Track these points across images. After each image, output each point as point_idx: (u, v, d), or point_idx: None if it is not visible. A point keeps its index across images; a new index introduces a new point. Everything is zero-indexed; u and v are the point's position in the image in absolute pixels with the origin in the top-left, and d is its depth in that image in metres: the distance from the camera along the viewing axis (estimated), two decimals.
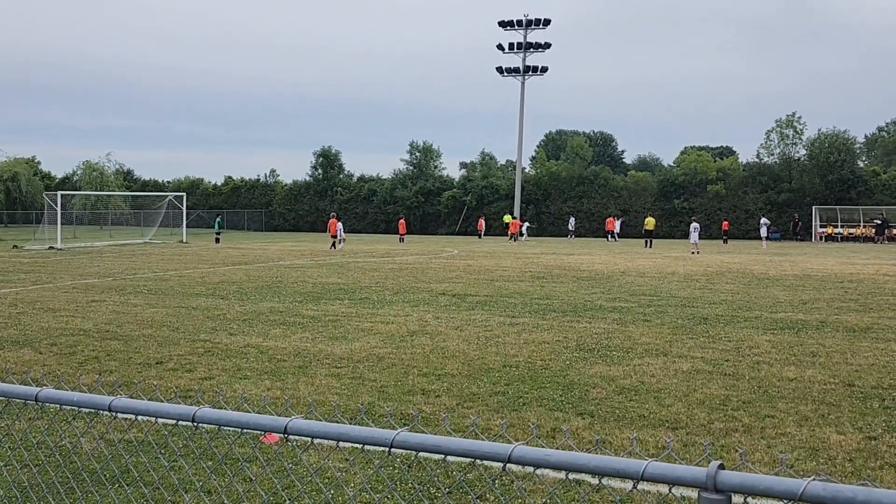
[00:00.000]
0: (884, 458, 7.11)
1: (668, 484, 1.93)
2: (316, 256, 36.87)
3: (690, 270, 28.73)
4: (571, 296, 19.97)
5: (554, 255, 38.69)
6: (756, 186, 70.12)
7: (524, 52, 75.76)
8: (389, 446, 2.16)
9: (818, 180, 66.94)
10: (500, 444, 2.09)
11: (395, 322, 15.21)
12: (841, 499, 1.71)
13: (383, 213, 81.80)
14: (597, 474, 1.99)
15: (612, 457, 1.94)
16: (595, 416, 8.50)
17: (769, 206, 68.28)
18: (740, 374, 10.58)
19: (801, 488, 1.72)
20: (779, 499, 1.77)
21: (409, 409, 8.68)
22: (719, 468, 1.84)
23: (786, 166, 70.24)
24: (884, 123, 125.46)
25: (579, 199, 74.75)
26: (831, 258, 37.61)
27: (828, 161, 66.70)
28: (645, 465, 1.91)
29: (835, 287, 22.38)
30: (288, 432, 2.33)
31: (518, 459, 2.03)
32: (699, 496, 1.86)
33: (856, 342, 13.02)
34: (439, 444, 2.12)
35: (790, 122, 70.70)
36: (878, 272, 28.19)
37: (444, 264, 31.84)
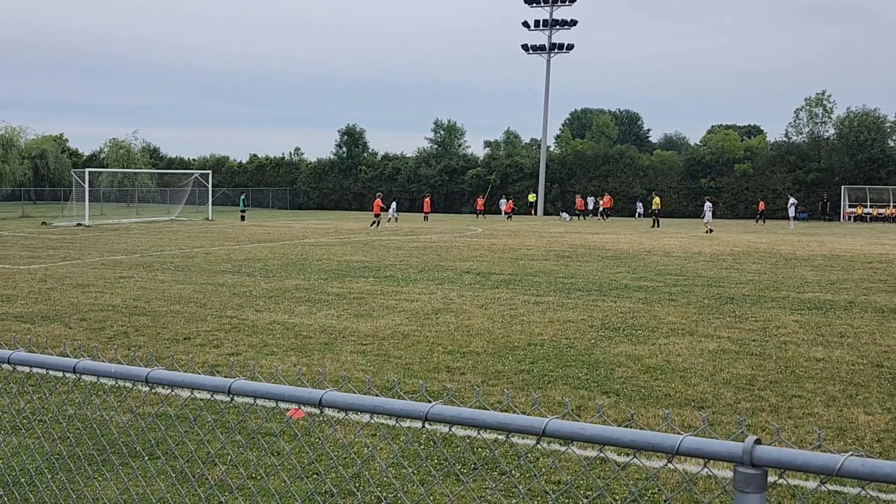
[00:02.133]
0: None
1: (703, 458, 1.93)
2: (341, 234, 36.98)
3: (717, 250, 28.54)
4: (596, 275, 19.91)
5: (578, 234, 38.57)
6: (784, 166, 69.37)
7: (550, 30, 75.20)
8: (424, 419, 2.18)
9: (847, 159, 66.09)
10: (535, 418, 2.10)
11: (419, 300, 15.25)
12: (879, 474, 1.70)
13: (407, 191, 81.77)
14: (632, 448, 1.99)
15: (648, 431, 1.94)
16: (620, 395, 8.50)
17: (797, 185, 67.55)
18: (767, 354, 10.52)
19: (839, 464, 1.71)
20: (816, 474, 1.77)
21: (435, 385, 8.72)
22: (756, 443, 1.83)
23: (814, 145, 69.42)
24: None
25: (604, 179, 74.31)
26: (860, 238, 37.21)
27: (857, 140, 65.80)
28: (681, 440, 1.91)
29: (863, 268, 22.16)
30: (323, 404, 2.34)
31: (553, 433, 2.04)
32: (735, 471, 1.86)
33: (885, 323, 12.90)
34: (474, 418, 2.13)
35: (820, 101, 69.78)
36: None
37: (468, 243, 31.83)
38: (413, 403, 2.22)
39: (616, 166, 74.91)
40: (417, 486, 5.73)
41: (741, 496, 1.83)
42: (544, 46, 75.80)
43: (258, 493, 5.49)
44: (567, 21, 75.12)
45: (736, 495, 1.84)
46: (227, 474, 5.93)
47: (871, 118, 67.18)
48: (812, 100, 70.16)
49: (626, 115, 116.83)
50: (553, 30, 75.23)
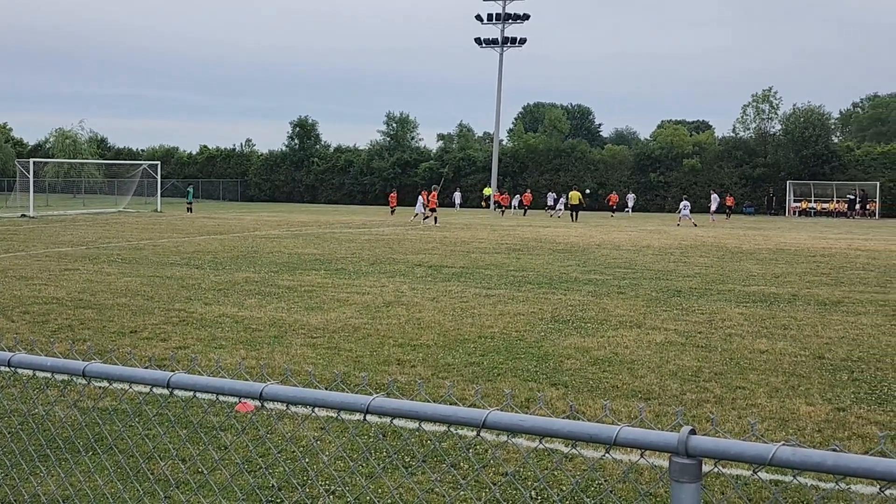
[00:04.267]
0: (851, 429, 7.23)
1: (640, 449, 1.96)
2: (292, 227, 36.71)
3: (665, 244, 28.92)
4: (547, 268, 20.05)
5: (530, 228, 38.77)
6: (731, 161, 70.51)
7: (503, 23, 75.34)
8: (365, 412, 2.17)
9: (793, 155, 67.39)
10: (476, 410, 2.11)
11: (371, 293, 15.21)
12: (810, 463, 1.74)
13: (360, 184, 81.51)
14: (570, 439, 2.01)
15: (586, 422, 1.96)
16: (569, 387, 8.57)
17: (744, 180, 68.72)
18: (713, 346, 10.69)
19: (771, 453, 1.75)
20: (749, 463, 1.80)
21: (385, 378, 8.71)
22: (690, 433, 1.86)
23: (761, 141, 70.67)
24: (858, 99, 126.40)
25: (556, 172, 74.81)
26: (804, 233, 37.98)
27: (802, 136, 67.13)
28: (618, 431, 1.93)
29: (807, 261, 22.62)
30: (263, 398, 2.33)
31: (493, 425, 2.05)
32: (671, 461, 1.88)
33: (826, 315, 13.19)
34: (416, 410, 2.13)
35: (766, 97, 71.07)
36: (849, 247, 28.50)
37: (420, 236, 31.81)
38: (354, 396, 2.21)
39: (567, 160, 75.45)
40: (365, 479, 5.72)
41: (677, 486, 1.86)
42: (497, 40, 75.94)
43: (203, 488, 5.44)
44: (520, 15, 75.31)
45: (672, 485, 1.87)
46: (172, 469, 5.86)
47: (816, 115, 68.57)
48: (759, 96, 71.44)
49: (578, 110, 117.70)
50: (506, 24, 75.38)
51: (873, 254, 25.45)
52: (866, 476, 1.72)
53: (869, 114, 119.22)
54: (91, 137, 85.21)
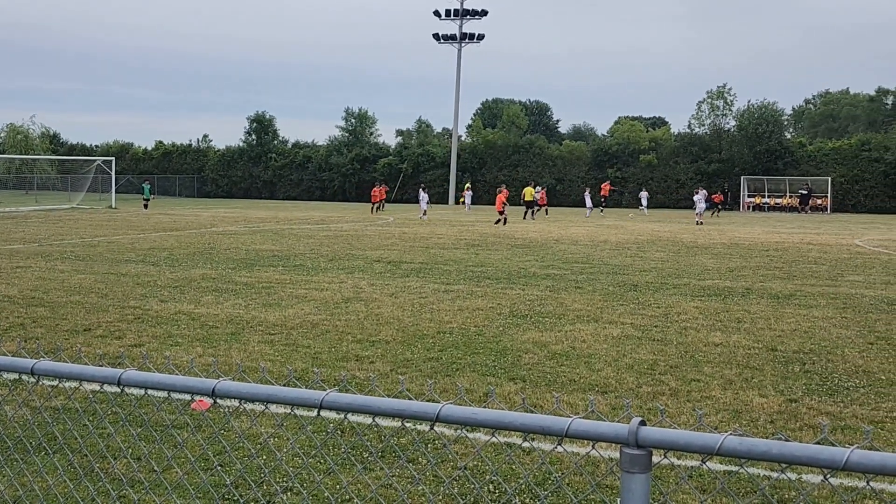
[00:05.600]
0: (803, 420, 7.37)
1: (591, 440, 1.98)
2: (250, 223, 36.41)
3: (622, 239, 29.18)
4: (506, 263, 20.13)
5: (489, 224, 38.88)
6: (687, 157, 71.33)
7: (461, 19, 75.40)
8: (319, 407, 2.17)
9: (747, 151, 68.36)
10: (429, 404, 2.11)
11: (329, 289, 15.15)
12: (756, 452, 1.78)
13: (318, 179, 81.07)
14: (523, 432, 2.03)
15: (538, 415, 1.98)
16: (527, 381, 8.62)
17: (699, 175, 69.53)
18: (668, 339, 10.82)
19: (718, 443, 1.78)
20: (698, 453, 1.83)
21: (343, 374, 8.69)
22: (640, 424, 1.89)
23: (716, 137, 71.57)
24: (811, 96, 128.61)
25: (514, 168, 75.07)
26: (758, 227, 38.57)
27: (756, 132, 68.12)
28: (569, 423, 1.95)
29: (761, 255, 22.98)
30: (216, 394, 2.31)
31: (446, 418, 2.06)
32: (621, 452, 1.91)
33: (780, 308, 13.41)
34: (369, 405, 2.13)
35: (721, 94, 71.99)
36: (802, 241, 29.01)
37: (379, 231, 31.75)
38: (307, 392, 2.21)
39: (526, 156, 75.75)
40: (322, 476, 5.70)
41: (627, 476, 1.88)
42: (455, 36, 75.99)
43: (158, 487, 5.37)
44: (478, 11, 75.45)
45: (622, 475, 1.90)
46: (125, 468, 5.79)
47: (770, 111, 69.65)
48: (714, 93, 72.34)
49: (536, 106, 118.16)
50: (464, 19, 75.46)
51: (825, 248, 25.93)
52: (810, 464, 1.76)
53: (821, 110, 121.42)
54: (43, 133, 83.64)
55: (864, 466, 1.73)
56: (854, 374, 9.04)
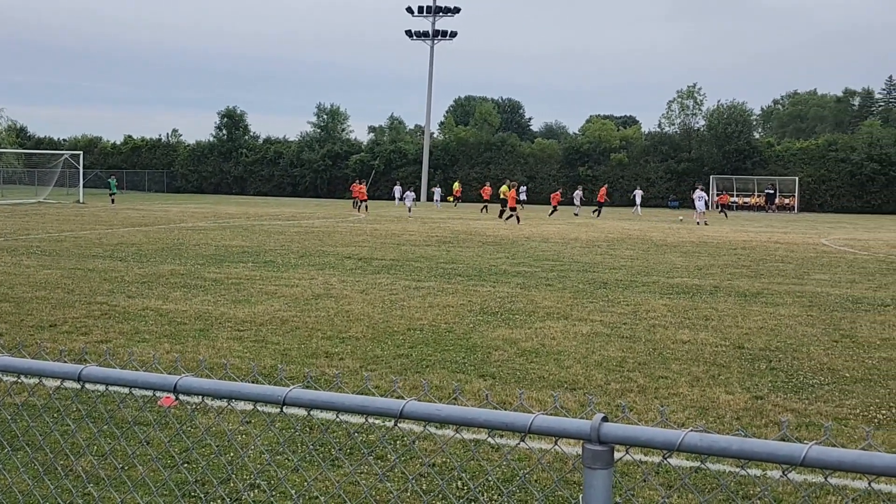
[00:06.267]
0: (768, 417, 7.44)
1: (554, 436, 1.99)
2: (220, 218, 36.16)
3: (593, 237, 29.33)
4: (476, 260, 20.15)
5: (461, 221, 38.93)
6: (657, 156, 71.87)
7: (433, 16, 75.35)
8: (282, 403, 2.16)
9: (716, 150, 69.00)
10: (393, 400, 2.11)
11: (299, 285, 15.08)
12: (716, 448, 1.79)
13: (290, 175, 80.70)
14: (486, 428, 2.03)
15: (502, 411, 1.99)
16: (496, 378, 8.64)
17: (669, 174, 70.08)
18: (637, 336, 10.89)
19: (680, 439, 1.79)
20: (659, 449, 1.84)
21: (313, 371, 8.66)
22: (603, 421, 1.90)
23: (686, 136, 72.17)
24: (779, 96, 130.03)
25: (486, 166, 75.20)
26: (726, 226, 38.91)
27: (725, 132, 68.78)
28: (532, 419, 1.96)
29: (728, 254, 23.20)
30: (178, 391, 2.29)
31: (409, 414, 2.06)
32: (584, 448, 1.92)
33: (746, 306, 13.54)
34: (332, 401, 2.13)
35: (691, 94, 72.61)
36: (769, 240, 29.33)
37: (350, 228, 31.66)
38: (271, 388, 2.19)
39: (498, 154, 75.91)
40: (288, 473, 5.68)
41: (589, 472, 1.89)
42: (428, 33, 75.92)
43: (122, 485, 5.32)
44: (450, 8, 75.44)
45: (585, 471, 1.91)
46: (88, 465, 5.72)
47: (739, 111, 70.35)
48: (684, 92, 72.96)
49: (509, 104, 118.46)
50: (436, 16, 75.41)
51: (792, 247, 26.24)
52: (769, 460, 1.78)
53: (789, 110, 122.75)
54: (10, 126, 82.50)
55: (822, 462, 1.75)
56: (819, 371, 9.15)
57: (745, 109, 71.35)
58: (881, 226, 43.84)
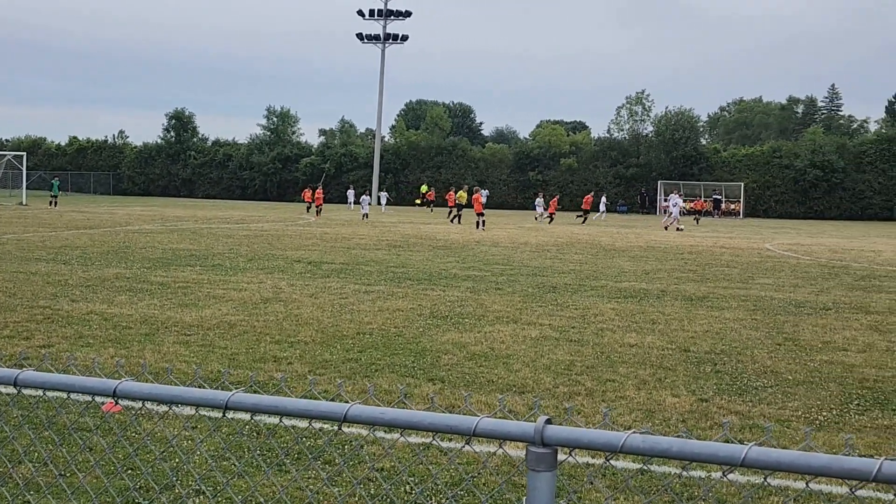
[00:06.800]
0: (713, 419, 7.56)
1: (499, 439, 1.99)
2: (167, 221, 35.66)
3: (542, 241, 29.53)
4: (427, 264, 20.16)
5: (411, 225, 38.91)
6: (606, 161, 72.66)
7: (385, 20, 75.30)
8: (224, 408, 2.13)
9: (664, 156, 69.98)
10: (336, 404, 2.10)
11: (248, 289, 14.94)
12: (658, 449, 1.82)
13: (239, 178, 79.96)
14: (431, 431, 2.03)
15: (446, 414, 1.98)
16: (445, 382, 8.64)
17: (618, 179, 70.88)
18: (585, 340, 10.98)
19: (622, 440, 1.81)
20: (602, 451, 1.86)
21: (260, 376, 8.58)
22: (546, 423, 1.91)
23: (634, 142, 73.09)
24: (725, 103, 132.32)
25: (437, 170, 75.32)
26: (673, 231, 39.44)
27: (673, 138, 69.82)
28: (477, 422, 1.96)
29: (675, 258, 23.53)
30: (118, 395, 2.25)
31: (353, 418, 2.05)
32: (527, 451, 1.93)
33: (692, 310, 13.74)
34: (275, 405, 2.11)
35: (639, 100, 73.59)
36: (715, 244, 29.81)
37: (300, 232, 31.45)
38: (213, 392, 2.16)
39: (449, 158, 76.09)
40: (235, 478, 5.61)
41: (533, 474, 1.90)
42: (379, 36, 75.84)
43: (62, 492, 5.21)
44: (402, 12, 75.48)
45: (529, 474, 1.91)
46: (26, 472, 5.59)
47: (686, 117, 71.49)
48: (633, 98, 73.91)
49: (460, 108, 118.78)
50: (388, 20, 75.37)
51: (737, 251, 26.70)
52: (710, 461, 1.81)
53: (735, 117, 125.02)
54: None
55: (761, 463, 1.78)
56: (762, 374, 9.32)
57: (692, 116, 72.56)
58: (823, 231, 44.85)
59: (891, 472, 1.67)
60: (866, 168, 67.17)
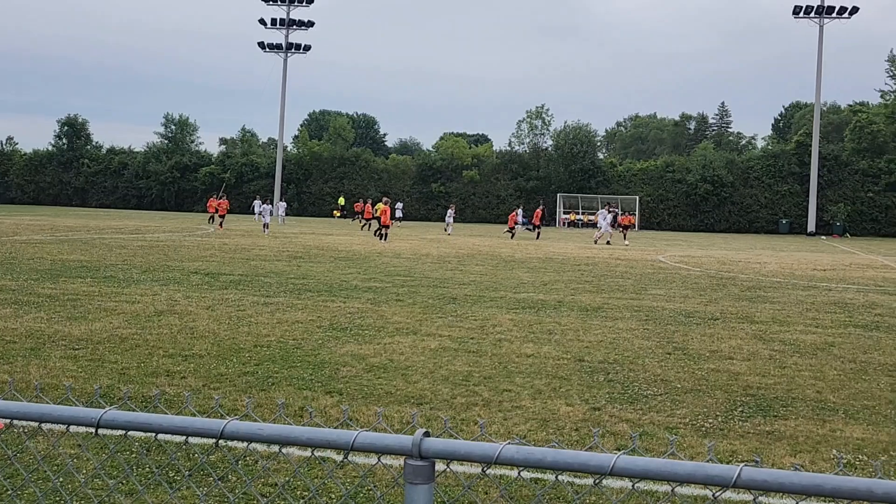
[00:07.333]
0: (605, 427, 7.74)
1: (377, 453, 2.01)
2: (57, 231, 34.39)
3: (444, 253, 29.70)
4: (328, 276, 20.02)
5: (313, 236, 38.58)
6: (507, 173, 73.69)
7: (287, 29, 74.65)
8: (96, 426, 2.08)
9: (562, 170, 71.43)
10: (213, 420, 2.08)
11: (141, 301, 14.54)
12: (532, 460, 1.86)
13: (135, 187, 77.81)
14: (309, 446, 2.03)
15: (325, 429, 1.99)
16: (343, 394, 8.60)
17: (519, 192, 71.91)
18: (483, 350, 11.09)
19: (497, 451, 1.85)
20: (478, 462, 1.90)
21: (152, 391, 8.36)
22: (424, 436, 1.94)
23: (534, 155, 74.36)
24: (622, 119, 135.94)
25: (340, 180, 74.97)
26: (571, 243, 40.26)
27: (571, 152, 71.33)
28: (355, 436, 1.97)
29: (573, 269, 24.01)
30: None
31: (231, 435, 2.03)
32: (405, 463, 1.95)
33: (588, 320, 14.05)
34: (149, 422, 2.07)
35: (539, 114, 74.95)
36: (610, 256, 30.55)
37: (198, 242, 30.80)
38: (84, 410, 2.11)
39: (352, 169, 75.85)
40: (124, 497, 5.46)
41: (411, 487, 1.92)
42: (281, 45, 75.13)
43: None
44: (304, 22, 74.95)
45: (406, 487, 1.94)
46: None
47: (584, 132, 73.16)
48: (533, 112, 75.20)
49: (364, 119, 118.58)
50: (290, 29, 74.75)
51: (631, 263, 27.43)
52: (581, 470, 1.87)
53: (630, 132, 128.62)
54: None
55: (628, 471, 1.85)
56: (653, 382, 9.59)
57: (589, 131, 74.33)
58: (713, 243, 46.50)
59: (749, 479, 1.75)
60: (753, 183, 70.03)
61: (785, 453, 7.09)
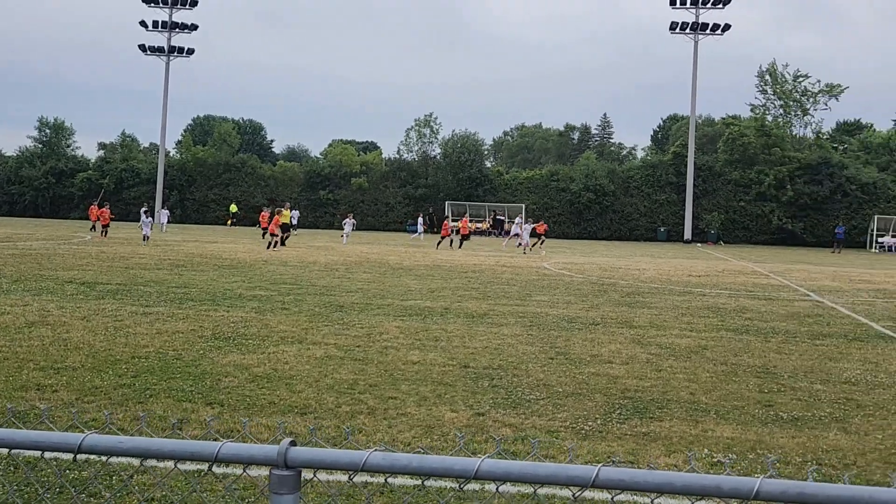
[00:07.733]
0: (489, 432, 7.84)
1: (242, 463, 1.99)
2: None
3: (332, 260, 29.50)
4: (211, 284, 19.59)
5: (196, 244, 37.69)
6: (396, 181, 73.83)
7: (169, 32, 72.80)
8: None
9: (451, 178, 72.07)
10: (71, 434, 2.01)
11: (11, 312, 13.89)
12: (398, 466, 1.89)
13: (7, 193, 74.33)
14: (171, 458, 1.99)
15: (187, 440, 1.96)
16: (225, 405, 8.43)
17: (407, 199, 72.15)
18: (369, 358, 11.07)
19: (363, 459, 1.87)
20: (345, 470, 1.90)
21: (21, 405, 8.00)
22: (290, 445, 1.93)
23: (423, 163, 74.78)
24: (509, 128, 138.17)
25: (226, 187, 73.55)
26: (459, 250, 40.61)
27: (459, 160, 72.07)
28: (219, 447, 1.95)
29: (459, 277, 24.24)
30: None
31: (89, 449, 1.97)
32: (271, 474, 1.94)
33: (473, 327, 14.20)
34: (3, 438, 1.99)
35: (427, 122, 75.47)
36: (497, 263, 30.99)
37: (74, 250, 29.64)
38: None
39: (238, 175, 74.56)
40: None
41: (276, 498, 1.91)
42: (163, 48, 73.19)
43: None
44: (187, 25, 73.25)
45: (271, 497, 1.93)
46: None
47: (471, 141, 74.06)
48: (421, 121, 75.66)
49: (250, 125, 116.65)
50: (173, 32, 72.93)
51: (517, 270, 27.89)
52: (446, 475, 1.90)
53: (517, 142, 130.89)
54: None
55: (492, 475, 1.90)
56: (536, 387, 9.77)
57: (477, 139, 75.27)
58: (595, 251, 47.77)
59: (607, 478, 1.82)
60: (633, 192, 72.33)
61: (660, 453, 7.34)
